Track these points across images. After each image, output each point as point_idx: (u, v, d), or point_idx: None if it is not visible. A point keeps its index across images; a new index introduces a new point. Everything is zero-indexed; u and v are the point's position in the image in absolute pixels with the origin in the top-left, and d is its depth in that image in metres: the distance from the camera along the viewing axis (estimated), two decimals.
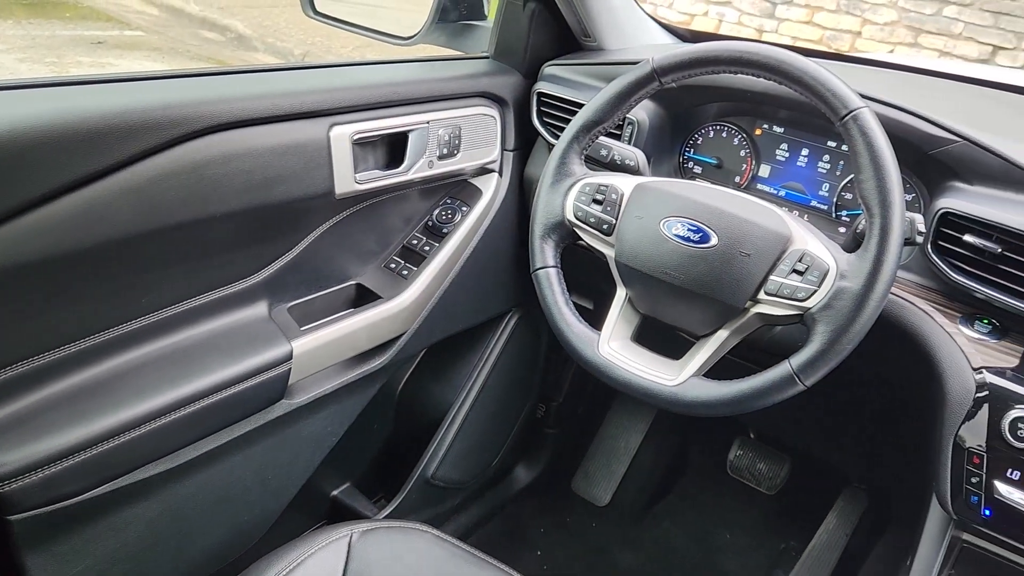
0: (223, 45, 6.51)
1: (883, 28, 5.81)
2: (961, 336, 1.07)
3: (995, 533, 1.03)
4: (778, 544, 1.89)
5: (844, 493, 1.83)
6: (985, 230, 1.05)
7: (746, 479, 1.98)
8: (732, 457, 1.99)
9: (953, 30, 5.61)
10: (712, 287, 1.03)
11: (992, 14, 5.48)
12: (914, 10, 5.66)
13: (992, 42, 5.50)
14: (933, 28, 5.65)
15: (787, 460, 1.94)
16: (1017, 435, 0.98)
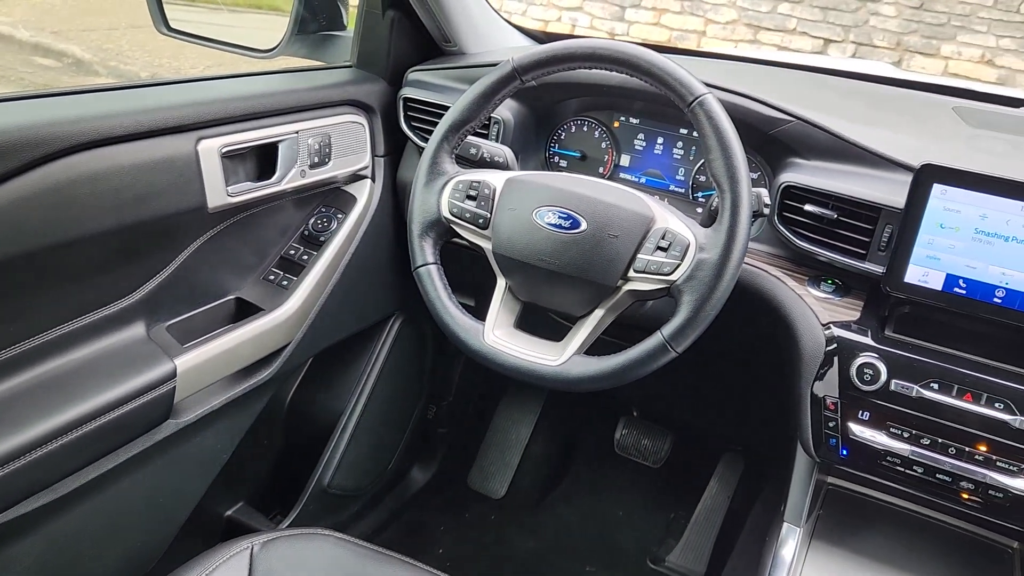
0: (61, 71, 6.17)
1: (725, 27, 6.16)
2: (810, 296, 1.18)
3: (852, 470, 1.14)
4: (668, 514, 1.99)
5: (723, 458, 1.95)
6: (822, 199, 1.16)
7: (633, 456, 2.07)
8: (618, 436, 2.08)
9: (788, 26, 6.01)
10: (585, 269, 1.09)
11: (821, 9, 5.91)
12: (751, 8, 6.02)
13: (823, 35, 5.92)
14: (770, 25, 6.03)
15: (669, 434, 2.05)
16: (864, 379, 1.09)
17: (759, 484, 1.78)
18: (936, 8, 5.55)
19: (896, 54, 5.76)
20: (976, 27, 5.48)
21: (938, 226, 1.07)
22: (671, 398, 1.86)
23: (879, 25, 5.75)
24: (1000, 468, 1.04)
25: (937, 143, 1.26)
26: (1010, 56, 5.45)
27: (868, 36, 5.80)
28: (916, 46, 5.69)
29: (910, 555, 1.17)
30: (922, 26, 5.64)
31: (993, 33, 5.46)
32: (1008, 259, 1.04)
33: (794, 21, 5.99)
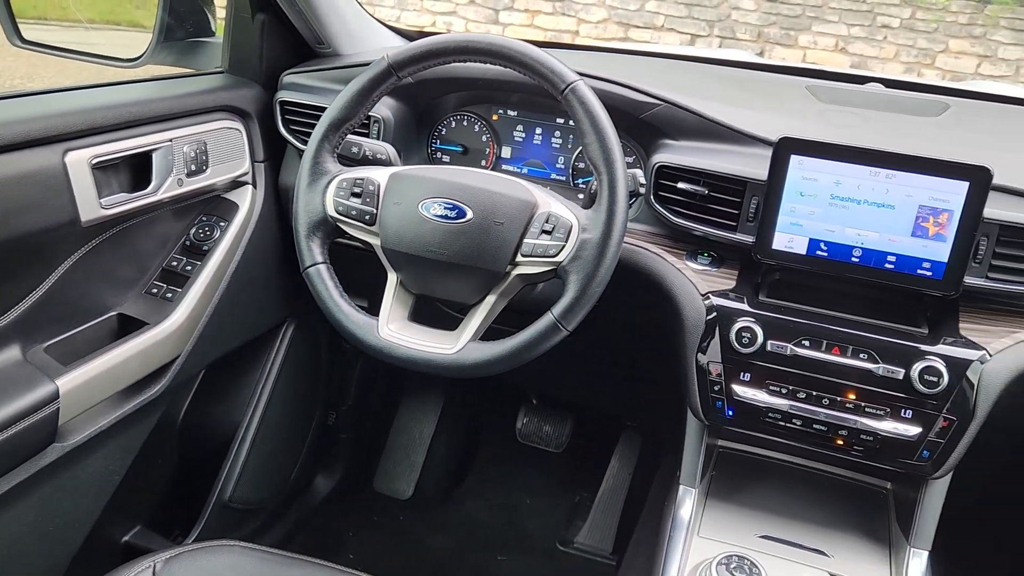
0: None
1: (597, 26, 6.32)
2: (688, 270, 1.24)
3: (739, 428, 1.20)
4: (574, 497, 2.04)
5: (622, 436, 2.01)
6: (693, 176, 1.22)
7: (536, 443, 2.12)
8: (520, 425, 2.12)
9: (656, 23, 6.22)
10: (474, 257, 1.11)
11: (686, 6, 6.15)
12: (621, 7, 6.21)
13: (689, 31, 6.17)
14: (639, 22, 6.23)
15: (569, 417, 2.10)
16: (742, 343, 1.15)
17: (658, 457, 1.85)
18: (792, 0, 5.87)
19: (758, 45, 6.06)
20: (828, 17, 5.83)
21: (798, 194, 1.15)
22: (568, 382, 1.90)
23: (740, 19, 6.04)
24: (868, 413, 1.12)
25: (793, 119, 1.35)
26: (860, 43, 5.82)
27: (731, 30, 6.08)
28: (776, 37, 6.01)
29: (796, 504, 1.25)
30: (780, 18, 5.96)
31: (844, 22, 5.82)
32: (861, 221, 1.13)
33: (662, 18, 6.22)
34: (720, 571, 1.02)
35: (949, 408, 1.09)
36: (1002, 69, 5.36)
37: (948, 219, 1.09)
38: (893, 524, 1.23)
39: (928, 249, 1.11)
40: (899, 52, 5.67)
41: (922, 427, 1.10)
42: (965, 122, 1.39)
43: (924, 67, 5.58)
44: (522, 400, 2.14)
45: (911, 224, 1.11)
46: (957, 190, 1.08)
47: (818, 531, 1.22)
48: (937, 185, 1.09)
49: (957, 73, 5.47)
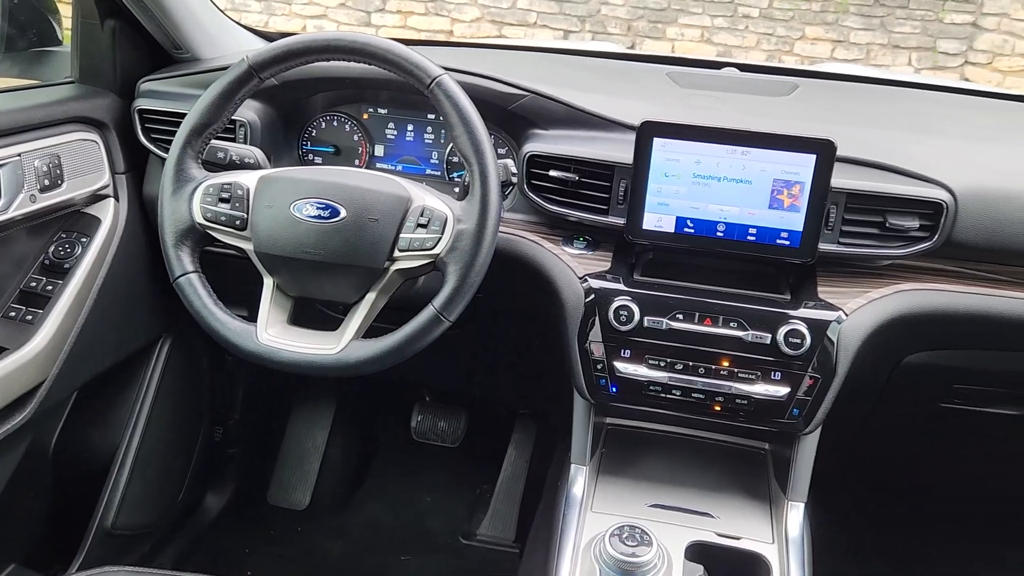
0: None
1: (471, 25, 6.34)
2: (565, 255, 1.27)
3: (623, 404, 1.24)
4: (473, 490, 2.05)
5: (517, 426, 2.04)
6: (564, 164, 1.25)
7: (432, 440, 2.12)
8: (414, 424, 2.12)
9: (529, 20, 6.29)
10: (351, 255, 1.11)
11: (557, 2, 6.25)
12: (493, 5, 6.25)
13: (562, 27, 6.27)
14: (512, 20, 6.29)
15: (463, 411, 2.11)
16: (621, 320, 1.19)
17: (553, 441, 1.88)
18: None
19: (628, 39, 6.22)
20: (693, 9, 6.03)
21: (663, 175, 1.19)
22: (459, 376, 1.91)
23: (610, 13, 6.19)
24: (742, 379, 1.18)
25: (655, 104, 1.40)
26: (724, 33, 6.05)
27: (602, 24, 6.22)
28: (644, 30, 6.18)
29: (683, 472, 1.31)
30: (647, 11, 6.13)
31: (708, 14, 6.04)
32: (723, 197, 1.19)
33: (534, 15, 6.29)
34: (613, 542, 1.05)
35: (814, 367, 1.16)
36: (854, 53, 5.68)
37: (800, 190, 1.16)
38: (772, 481, 1.30)
39: (785, 220, 1.17)
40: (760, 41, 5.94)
41: (791, 387, 1.17)
42: (812, 100, 1.47)
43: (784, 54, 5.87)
44: (415, 398, 2.13)
45: (768, 197, 1.17)
46: (806, 163, 1.14)
47: (704, 495, 1.27)
48: (788, 159, 1.15)
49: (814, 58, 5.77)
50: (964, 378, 1.34)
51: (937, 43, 5.33)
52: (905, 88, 1.64)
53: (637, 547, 1.04)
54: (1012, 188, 1.18)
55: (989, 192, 1.18)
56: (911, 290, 1.21)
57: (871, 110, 1.46)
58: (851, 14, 5.62)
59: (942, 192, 1.16)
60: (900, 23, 5.41)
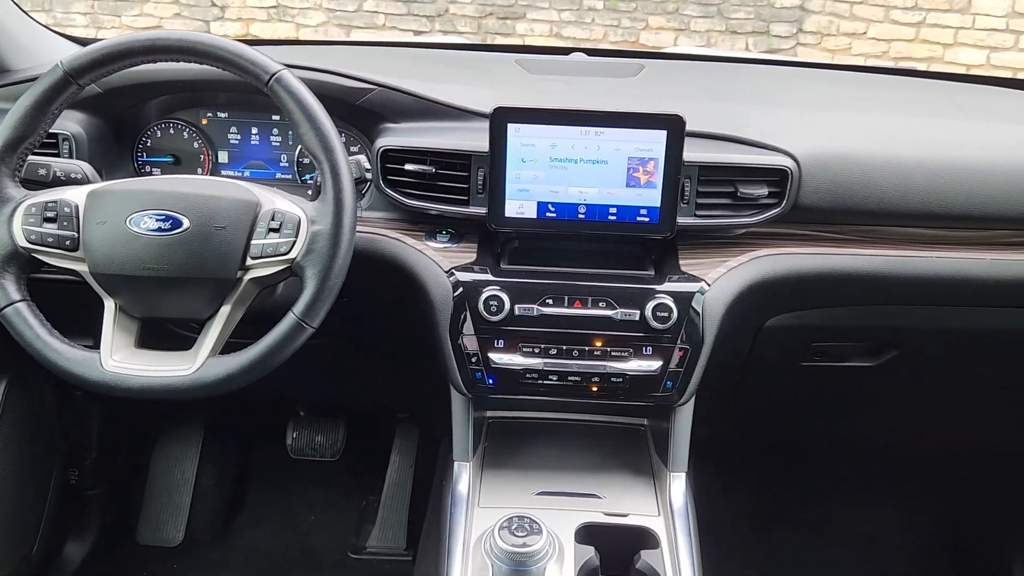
0: None
1: (317, 30, 6.19)
2: (429, 249, 1.24)
3: (502, 395, 1.23)
4: (359, 502, 1.99)
5: (398, 431, 1.99)
6: (420, 157, 1.22)
7: (310, 455, 2.04)
8: (290, 441, 2.03)
9: (377, 22, 6.21)
10: (199, 268, 1.04)
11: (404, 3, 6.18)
12: (339, 9, 6.12)
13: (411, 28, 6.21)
14: (360, 23, 6.18)
15: (340, 422, 2.04)
16: (491, 311, 1.17)
17: (436, 442, 1.85)
18: None
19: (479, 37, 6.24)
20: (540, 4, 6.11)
21: (520, 161, 1.18)
22: (333, 386, 1.85)
23: (459, 11, 6.19)
24: (615, 357, 1.19)
25: (506, 91, 1.39)
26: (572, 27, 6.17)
27: (452, 23, 6.21)
28: (494, 28, 6.22)
29: (567, 457, 1.30)
30: (496, 8, 6.17)
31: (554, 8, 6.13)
32: (581, 178, 1.19)
33: (382, 17, 6.22)
34: (502, 535, 1.03)
35: (682, 339, 1.18)
36: (696, 40, 5.92)
37: (655, 167, 1.17)
38: (653, 455, 1.32)
39: (642, 197, 1.19)
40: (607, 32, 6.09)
41: (663, 360, 1.19)
42: (659, 79, 1.51)
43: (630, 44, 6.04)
44: (289, 414, 2.05)
45: (624, 175, 1.18)
46: (658, 139, 1.16)
47: (590, 477, 1.27)
48: (641, 137, 1.17)
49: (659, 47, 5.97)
50: (821, 336, 1.40)
51: (770, 27, 5.63)
52: (743, 64, 1.71)
53: (527, 537, 1.03)
54: (848, 151, 1.25)
55: (828, 156, 1.23)
56: (765, 255, 1.26)
57: (715, 86, 1.51)
58: (690, 3, 5.85)
59: (786, 159, 1.21)
60: (735, 9, 5.68)
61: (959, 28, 5.17)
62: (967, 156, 1.26)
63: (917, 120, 1.36)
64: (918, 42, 5.28)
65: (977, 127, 1.35)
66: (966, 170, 1.25)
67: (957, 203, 1.25)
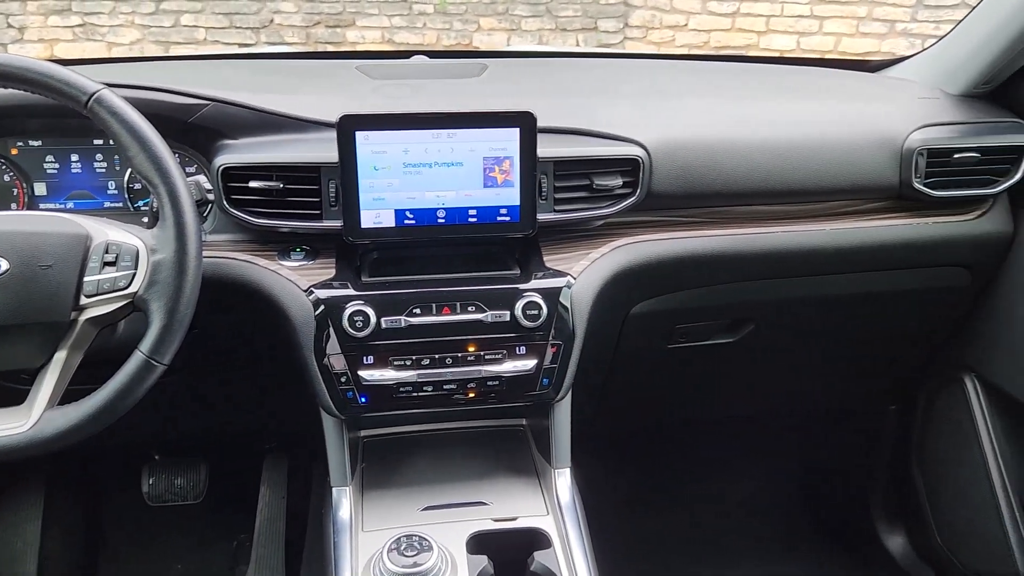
0: None
1: (131, 48, 5.84)
2: (284, 269, 1.18)
3: (376, 412, 1.19)
4: (230, 543, 1.87)
5: (266, 463, 1.89)
6: (264, 173, 1.15)
7: (170, 501, 1.89)
8: (146, 489, 1.87)
9: (197, 37, 5.92)
10: (25, 313, 0.94)
11: (225, 15, 5.94)
12: (154, 25, 5.80)
13: (235, 41, 5.97)
14: (179, 38, 5.88)
15: (201, 462, 1.91)
16: (356, 327, 1.12)
17: (308, 469, 1.77)
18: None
19: (309, 47, 6.07)
20: (369, 10, 6.02)
21: (372, 169, 1.14)
22: (188, 423, 1.73)
23: (284, 22, 6.00)
24: (489, 360, 1.17)
25: (350, 99, 1.34)
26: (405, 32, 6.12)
27: (279, 35, 6.01)
28: (324, 36, 6.07)
29: (450, 467, 1.28)
30: (323, 16, 6.03)
31: (384, 14, 6.06)
32: (437, 182, 1.16)
33: (202, 31, 5.94)
34: (392, 556, 0.99)
35: (554, 335, 1.18)
36: (528, 39, 6.01)
37: (511, 165, 1.16)
38: (536, 454, 1.31)
39: (501, 196, 1.17)
40: (440, 36, 6.09)
41: (537, 358, 1.18)
42: (504, 78, 1.50)
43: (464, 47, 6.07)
44: (142, 460, 1.89)
45: (481, 176, 1.17)
46: (511, 137, 1.15)
47: (475, 485, 1.25)
48: (494, 136, 1.15)
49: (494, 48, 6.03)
50: (684, 318, 1.44)
51: (598, 23, 5.81)
52: (583, 59, 1.73)
53: (417, 555, 1.01)
54: (693, 137, 1.28)
55: (676, 143, 1.26)
56: (625, 245, 1.28)
57: (559, 81, 1.52)
58: (519, 3, 5.94)
59: (637, 149, 1.23)
60: (563, 7, 5.82)
61: (770, 16, 5.54)
62: (801, 134, 1.33)
63: (752, 102, 1.42)
64: (735, 31, 5.61)
65: (807, 106, 1.43)
66: (801, 147, 1.32)
67: (796, 179, 1.31)
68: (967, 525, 1.63)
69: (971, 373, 1.59)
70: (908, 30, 5.48)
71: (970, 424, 1.58)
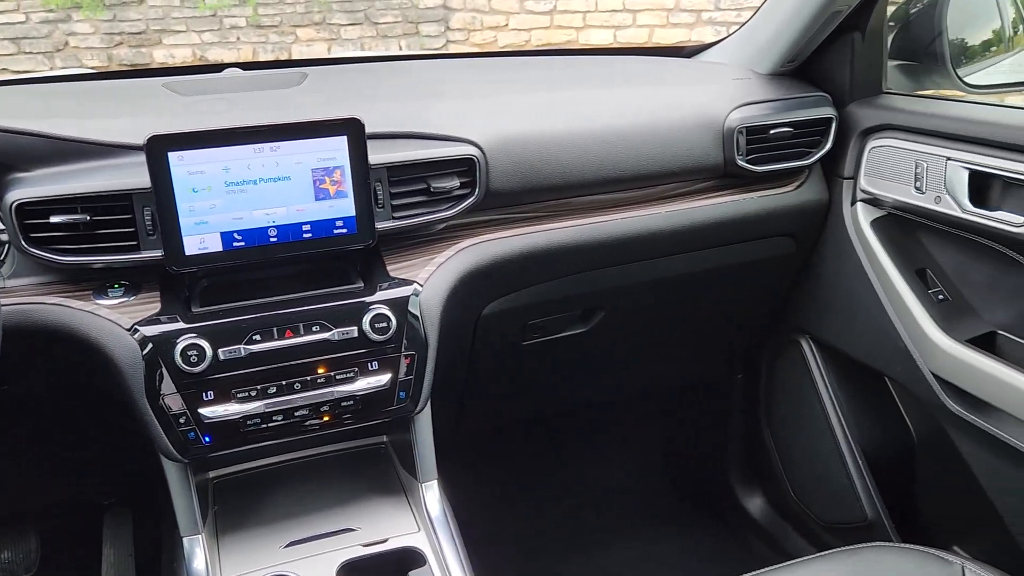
0: None
1: None
2: (102, 308, 1.07)
3: (224, 451, 1.10)
4: None
5: (106, 520, 1.73)
6: (67, 206, 1.04)
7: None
8: None
9: None
10: None
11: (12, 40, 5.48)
12: None
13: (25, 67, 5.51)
14: None
15: (30, 529, 1.72)
16: (192, 362, 1.04)
17: (155, 521, 1.64)
18: (130, 16, 5.62)
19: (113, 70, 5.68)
20: (175, 27, 5.71)
21: (191, 191, 1.06)
22: (8, 490, 1.55)
23: (81, 44, 5.60)
24: (341, 380, 1.11)
25: (160, 118, 1.24)
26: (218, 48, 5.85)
27: (76, 58, 5.60)
28: (129, 57, 5.71)
29: (311, 497, 1.21)
30: (125, 36, 5.67)
31: (193, 30, 5.77)
32: (265, 200, 1.09)
33: None
34: None
35: (406, 345, 1.14)
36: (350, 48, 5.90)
37: (342, 175, 1.11)
38: (400, 471, 1.27)
39: (335, 208, 1.12)
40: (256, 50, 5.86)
41: (391, 372, 1.13)
42: (327, 85, 1.44)
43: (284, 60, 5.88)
44: None
45: (311, 189, 1.11)
46: (339, 146, 1.10)
47: (340, 511, 1.19)
48: (320, 146, 1.10)
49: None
50: (536, 313, 1.44)
51: (419, 27, 5.79)
52: (407, 61, 1.70)
53: None
54: (527, 132, 1.28)
55: (510, 139, 1.25)
56: (470, 246, 1.26)
57: (386, 86, 1.48)
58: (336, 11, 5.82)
59: (471, 148, 1.21)
60: (382, 13, 5.76)
61: (586, 12, 5.72)
62: (630, 121, 1.36)
63: (581, 94, 1.43)
64: (554, 28, 5.76)
65: (633, 93, 1.46)
66: (631, 135, 1.34)
67: (629, 166, 1.34)
68: (817, 479, 1.73)
69: (805, 335, 1.68)
70: (714, 19, 5.82)
71: (809, 383, 1.67)
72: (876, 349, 1.48)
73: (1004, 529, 1.33)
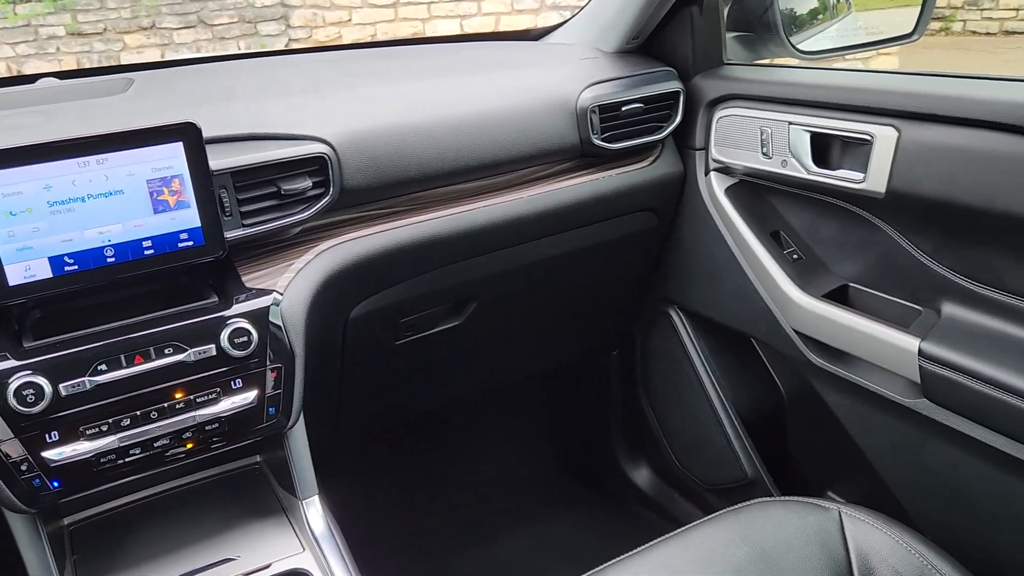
0: None
1: None
2: None
3: (78, 494, 1.01)
4: None
5: None
6: None
7: None
8: None
9: None
10: None
11: None
12: None
13: None
14: None
15: None
16: (28, 402, 0.94)
17: None
18: None
19: None
20: None
21: (8, 215, 0.95)
22: None
23: None
24: (203, 403, 1.04)
25: None
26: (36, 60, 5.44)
27: None
28: None
29: (183, 530, 1.13)
30: None
31: (5, 42, 5.33)
32: (97, 217, 1.00)
33: None
34: None
35: (271, 359, 1.07)
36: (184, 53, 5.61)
37: (181, 184, 1.03)
38: (278, 490, 1.20)
39: (178, 220, 1.04)
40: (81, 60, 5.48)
41: (257, 388, 1.07)
42: (156, 90, 1.34)
43: None
44: None
45: (148, 202, 1.02)
46: (175, 153, 1.02)
47: (218, 541, 1.12)
48: (154, 155, 1.01)
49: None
50: (406, 310, 1.40)
51: (258, 27, 5.57)
52: (243, 60, 1.61)
53: None
54: (378, 126, 1.23)
55: (360, 134, 1.21)
56: (330, 248, 1.20)
57: (223, 87, 1.39)
58: (167, 15, 5.52)
59: (320, 146, 1.15)
60: (217, 15, 5.50)
61: (431, 3, 5.66)
62: (483, 108, 1.33)
63: (431, 83, 1.40)
64: (399, 21, 5.67)
65: (484, 79, 1.44)
66: (485, 121, 1.32)
67: (486, 153, 1.31)
68: (696, 443, 1.77)
69: (674, 305, 1.72)
70: (557, 3, 5.90)
71: (681, 351, 1.71)
72: (741, 312, 1.53)
73: (872, 470, 1.40)
